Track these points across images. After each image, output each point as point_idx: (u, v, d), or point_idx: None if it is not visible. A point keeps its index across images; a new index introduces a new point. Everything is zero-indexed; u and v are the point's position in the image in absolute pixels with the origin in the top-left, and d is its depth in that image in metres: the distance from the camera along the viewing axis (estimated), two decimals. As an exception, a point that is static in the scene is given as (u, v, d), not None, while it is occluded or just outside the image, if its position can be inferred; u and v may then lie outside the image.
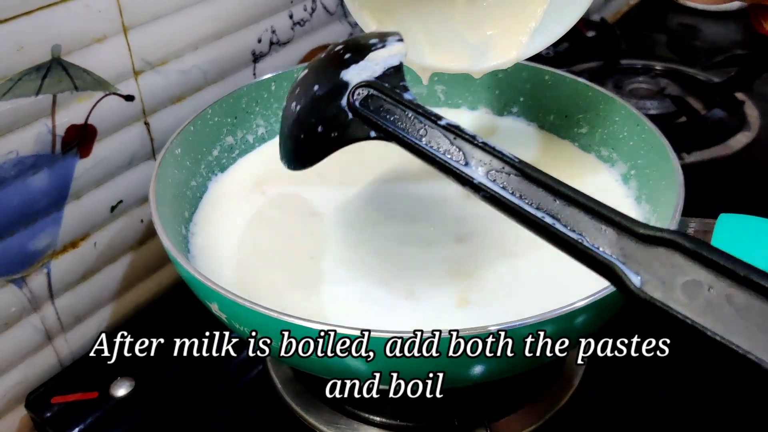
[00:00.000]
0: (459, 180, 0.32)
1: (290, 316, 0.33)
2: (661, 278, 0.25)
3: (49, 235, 0.47)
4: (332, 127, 0.35)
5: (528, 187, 0.30)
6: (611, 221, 0.27)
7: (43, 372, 0.50)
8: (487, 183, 0.31)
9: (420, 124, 0.33)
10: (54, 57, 0.43)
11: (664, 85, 0.77)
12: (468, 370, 0.36)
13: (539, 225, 0.29)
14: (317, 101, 0.35)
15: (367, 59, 0.35)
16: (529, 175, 0.30)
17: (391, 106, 0.34)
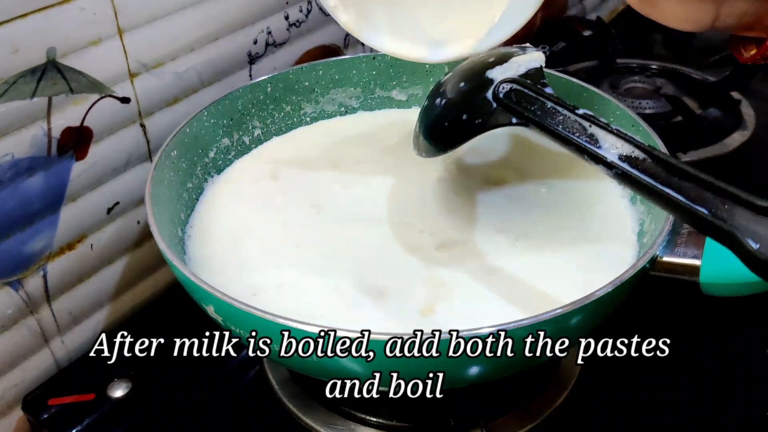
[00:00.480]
0: (594, 159, 0.35)
1: (285, 318, 0.33)
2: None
3: (45, 237, 0.47)
4: (476, 115, 0.39)
5: (655, 167, 0.33)
6: (731, 195, 0.30)
7: (39, 374, 0.50)
8: (618, 162, 0.34)
9: (558, 114, 0.37)
10: (49, 59, 0.43)
11: (660, 85, 0.77)
12: (467, 370, 0.36)
13: (667, 199, 0.32)
14: (463, 94, 0.40)
15: (511, 62, 0.40)
16: (656, 157, 0.33)
17: (533, 98, 0.38)
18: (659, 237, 0.38)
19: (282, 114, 0.57)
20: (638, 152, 0.34)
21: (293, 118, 0.58)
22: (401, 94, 0.60)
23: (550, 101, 0.38)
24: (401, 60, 0.58)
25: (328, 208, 0.49)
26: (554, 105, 0.37)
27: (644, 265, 0.37)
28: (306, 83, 0.57)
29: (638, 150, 0.34)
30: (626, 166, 0.34)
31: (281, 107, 0.57)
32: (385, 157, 0.54)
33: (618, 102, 0.50)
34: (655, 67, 0.82)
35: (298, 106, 0.58)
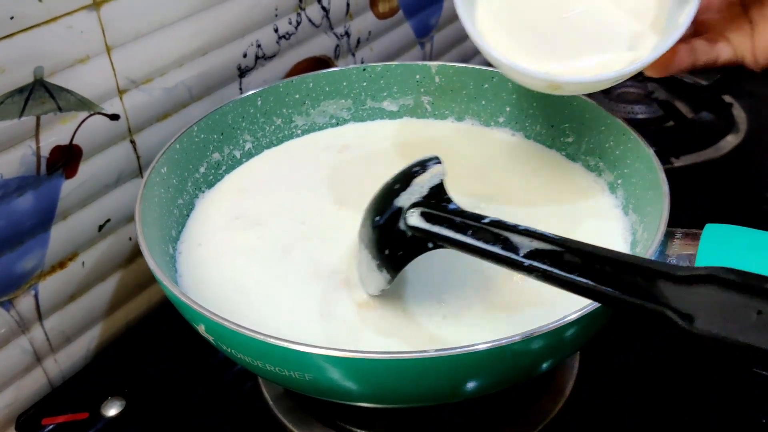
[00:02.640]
0: (512, 266, 0.35)
1: (275, 338, 0.33)
2: (709, 312, 0.28)
3: (36, 256, 0.47)
4: (397, 247, 0.40)
5: (573, 259, 0.33)
6: (653, 272, 0.30)
7: (33, 393, 0.50)
8: (535, 263, 0.34)
9: (468, 228, 0.38)
10: (37, 79, 0.43)
11: (652, 89, 0.77)
12: (460, 387, 0.36)
13: (590, 292, 0.32)
14: (380, 229, 0.41)
15: (413, 184, 0.40)
16: (571, 248, 0.34)
17: (441, 217, 0.39)
18: (651, 247, 0.38)
19: (273, 127, 0.57)
20: (550, 246, 0.34)
21: (284, 131, 0.58)
22: (392, 105, 0.60)
23: (457, 216, 0.38)
24: (391, 71, 0.58)
25: (317, 223, 0.49)
26: (462, 219, 0.38)
27: (636, 276, 0.36)
28: (296, 96, 0.57)
29: (550, 244, 0.34)
30: (544, 265, 0.34)
31: (272, 120, 0.57)
32: (375, 168, 0.54)
33: (607, 111, 0.50)
34: (646, 71, 0.82)
35: (288, 119, 0.57)
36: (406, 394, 0.36)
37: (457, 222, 0.38)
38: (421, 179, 0.41)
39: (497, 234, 0.36)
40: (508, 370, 0.36)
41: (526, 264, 0.34)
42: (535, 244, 0.35)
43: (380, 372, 0.34)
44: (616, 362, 0.49)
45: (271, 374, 0.36)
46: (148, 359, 0.52)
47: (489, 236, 0.36)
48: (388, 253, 0.40)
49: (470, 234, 0.37)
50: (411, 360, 0.33)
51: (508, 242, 0.35)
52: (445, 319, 0.41)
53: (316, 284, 0.44)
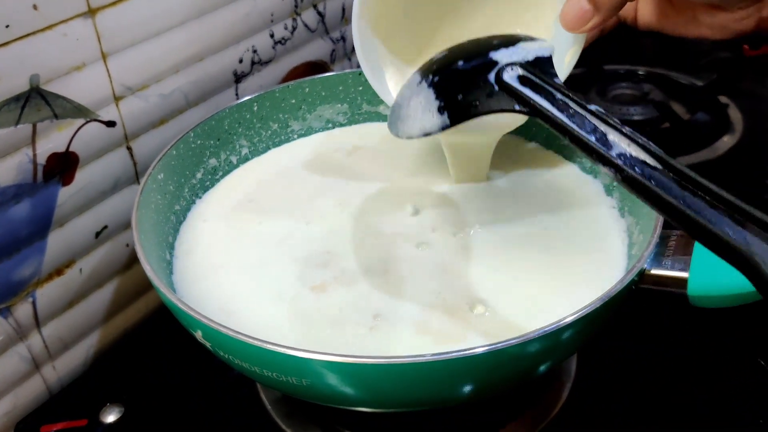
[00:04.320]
0: (602, 161, 0.32)
1: (272, 344, 0.33)
2: None
3: (33, 263, 0.47)
4: (474, 96, 0.36)
5: (668, 178, 0.30)
6: (748, 215, 0.28)
7: (31, 401, 0.50)
8: (627, 168, 0.31)
9: (568, 108, 0.34)
10: (32, 86, 0.43)
11: (648, 90, 0.77)
12: (458, 390, 0.36)
13: (681, 214, 0.30)
14: (460, 74, 0.36)
15: (518, 46, 0.36)
16: (670, 166, 0.31)
17: (540, 86, 0.35)
18: (646, 250, 0.38)
19: (269, 132, 0.57)
20: (651, 159, 0.31)
21: (280, 136, 0.58)
22: (388, 109, 0.59)
23: (560, 92, 0.35)
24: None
25: (319, 227, 0.49)
26: (563, 97, 0.34)
27: (632, 278, 0.37)
28: (293, 101, 0.57)
29: (651, 157, 0.31)
30: (636, 172, 0.31)
31: (268, 125, 0.57)
32: (374, 170, 0.55)
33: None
34: (642, 72, 0.82)
35: (285, 124, 0.58)
36: (404, 398, 0.36)
37: (557, 98, 0.34)
38: (528, 45, 0.37)
39: (596, 126, 0.33)
40: (505, 374, 0.36)
41: (619, 164, 0.32)
42: (632, 149, 0.32)
43: (377, 377, 0.34)
44: (614, 364, 0.49)
45: (269, 379, 0.36)
46: (146, 365, 0.52)
47: (586, 124, 0.33)
48: (461, 98, 0.36)
49: (567, 115, 0.34)
50: (408, 365, 0.33)
51: (605, 138, 0.32)
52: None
53: (316, 290, 0.44)
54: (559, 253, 0.45)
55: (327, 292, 0.44)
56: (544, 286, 0.43)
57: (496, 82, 0.36)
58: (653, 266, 0.38)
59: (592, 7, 0.41)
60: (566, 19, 0.42)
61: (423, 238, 0.47)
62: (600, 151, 0.32)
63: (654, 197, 0.31)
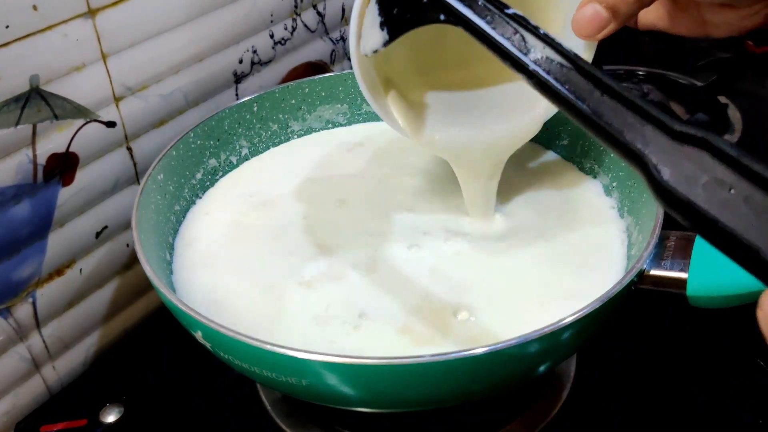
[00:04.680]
0: (515, 65, 0.33)
1: (272, 344, 0.33)
2: (686, 174, 0.26)
3: (33, 264, 0.47)
4: (407, 9, 0.37)
5: (578, 79, 0.31)
6: (650, 117, 0.28)
7: (31, 401, 0.50)
8: (540, 71, 0.32)
9: (487, 11, 0.34)
10: (32, 87, 0.43)
11: (647, 91, 0.77)
12: (458, 391, 0.36)
13: (583, 115, 0.30)
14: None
15: None
16: (581, 68, 0.31)
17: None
18: (645, 251, 0.38)
19: (269, 133, 0.57)
20: (563, 61, 0.31)
21: (280, 136, 0.58)
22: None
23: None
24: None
25: (310, 219, 0.50)
26: (484, 2, 0.35)
27: (631, 279, 0.37)
28: (292, 101, 0.57)
29: (564, 58, 0.31)
30: (546, 75, 0.31)
31: (268, 126, 0.57)
32: (374, 169, 0.55)
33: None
34: (641, 72, 0.82)
35: (285, 125, 0.58)
36: (403, 399, 0.36)
37: (479, 3, 0.35)
38: None
39: (515, 29, 0.33)
40: (505, 374, 0.36)
41: (531, 68, 0.32)
42: (547, 51, 0.32)
43: (377, 377, 0.34)
44: (614, 365, 0.49)
45: (268, 380, 0.36)
46: (146, 366, 0.52)
47: (506, 28, 0.33)
48: (396, 12, 0.38)
49: (487, 20, 0.34)
50: (407, 365, 0.33)
51: (523, 41, 0.33)
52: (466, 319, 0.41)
53: (304, 286, 0.44)
54: (556, 258, 0.45)
55: (315, 288, 0.44)
56: (535, 295, 0.43)
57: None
58: (652, 267, 0.38)
59: (610, 14, 0.40)
60: (580, 25, 0.40)
61: (416, 239, 0.47)
62: (514, 56, 0.33)
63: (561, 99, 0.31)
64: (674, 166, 0.27)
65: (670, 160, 0.27)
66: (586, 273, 0.44)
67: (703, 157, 0.26)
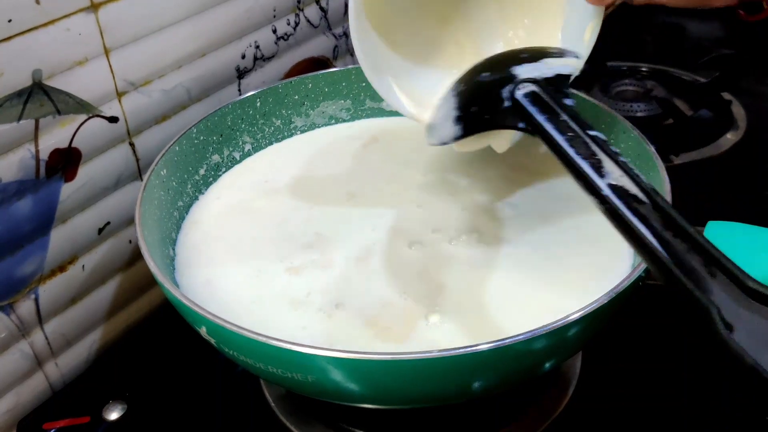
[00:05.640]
0: (588, 188, 0.32)
1: (278, 340, 0.33)
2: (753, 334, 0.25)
3: (35, 260, 0.47)
4: (486, 109, 0.37)
5: (651, 215, 0.30)
6: (723, 267, 0.27)
7: (34, 398, 0.49)
8: (613, 198, 0.31)
9: (567, 128, 0.34)
10: (35, 82, 0.43)
11: (651, 87, 0.77)
12: (464, 387, 0.36)
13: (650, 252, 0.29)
14: (480, 86, 0.38)
15: (542, 62, 0.37)
16: (656, 204, 0.30)
17: (548, 105, 0.35)
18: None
19: (272, 128, 0.57)
20: (640, 192, 0.30)
21: (283, 132, 0.57)
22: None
23: (565, 113, 0.35)
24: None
25: (316, 209, 0.50)
26: (568, 119, 0.34)
27: (640, 274, 0.36)
28: (296, 97, 0.57)
29: (641, 191, 0.31)
30: (620, 204, 0.31)
31: (271, 121, 0.56)
32: (385, 164, 0.55)
33: (609, 109, 0.50)
34: (645, 69, 0.82)
35: (288, 120, 0.57)
36: (409, 395, 0.36)
37: (561, 119, 0.34)
38: (552, 61, 0.37)
39: (593, 151, 0.32)
40: (511, 370, 0.36)
41: (604, 193, 0.31)
42: (624, 180, 0.31)
43: (383, 373, 0.34)
44: (619, 361, 0.48)
45: (274, 376, 0.36)
46: (149, 362, 0.52)
47: (583, 149, 0.33)
48: (474, 110, 0.38)
49: (566, 137, 0.34)
50: (413, 361, 0.33)
51: (599, 165, 0.32)
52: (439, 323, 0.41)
53: (301, 276, 0.44)
54: (565, 251, 0.45)
55: (300, 274, 0.44)
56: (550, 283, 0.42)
57: (509, 98, 0.36)
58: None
59: None
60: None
61: (420, 237, 0.47)
62: (587, 178, 0.32)
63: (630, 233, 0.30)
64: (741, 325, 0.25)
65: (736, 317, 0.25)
66: (593, 271, 0.43)
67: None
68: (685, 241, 0.28)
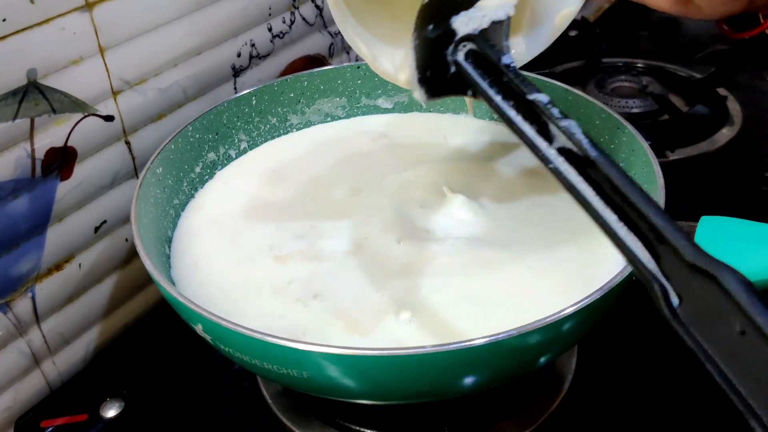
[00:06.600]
0: (537, 154, 0.32)
1: (273, 336, 0.33)
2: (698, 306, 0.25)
3: (32, 259, 0.47)
4: (438, 75, 0.37)
5: (595, 175, 0.29)
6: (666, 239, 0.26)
7: (31, 396, 0.50)
8: (560, 165, 0.31)
9: (512, 93, 0.33)
10: (30, 81, 0.43)
11: (646, 83, 0.77)
12: (458, 382, 0.36)
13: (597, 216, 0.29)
14: (427, 44, 0.37)
15: (476, 7, 0.36)
16: (597, 167, 0.29)
17: (489, 66, 0.35)
18: (647, 241, 0.38)
19: (268, 126, 0.57)
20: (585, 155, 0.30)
21: (279, 130, 0.58)
22: (387, 102, 0.60)
23: (507, 76, 0.34)
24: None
25: (318, 201, 0.50)
26: (510, 80, 0.33)
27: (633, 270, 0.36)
28: (291, 94, 0.57)
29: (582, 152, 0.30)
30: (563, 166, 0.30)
31: (267, 119, 0.57)
32: (392, 161, 0.55)
33: (603, 105, 0.50)
34: (640, 65, 0.82)
35: (284, 118, 0.57)
36: (404, 390, 0.36)
37: (504, 81, 0.34)
38: (486, 3, 0.36)
39: (538, 115, 0.32)
40: (506, 365, 0.36)
41: (551, 161, 0.31)
42: (570, 144, 0.30)
43: (378, 368, 0.34)
44: (615, 356, 0.49)
45: (269, 372, 0.36)
46: (146, 360, 0.52)
47: (530, 113, 0.32)
48: (429, 74, 0.37)
49: (512, 103, 0.33)
50: (408, 356, 0.33)
51: (546, 128, 0.31)
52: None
53: (279, 260, 0.45)
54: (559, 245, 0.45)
55: (286, 263, 0.45)
56: (545, 278, 0.43)
57: (453, 63, 0.36)
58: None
59: None
60: None
61: (410, 234, 0.47)
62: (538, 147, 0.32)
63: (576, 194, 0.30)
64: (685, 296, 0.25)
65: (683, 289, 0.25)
66: (586, 266, 0.43)
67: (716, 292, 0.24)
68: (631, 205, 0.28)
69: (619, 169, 0.29)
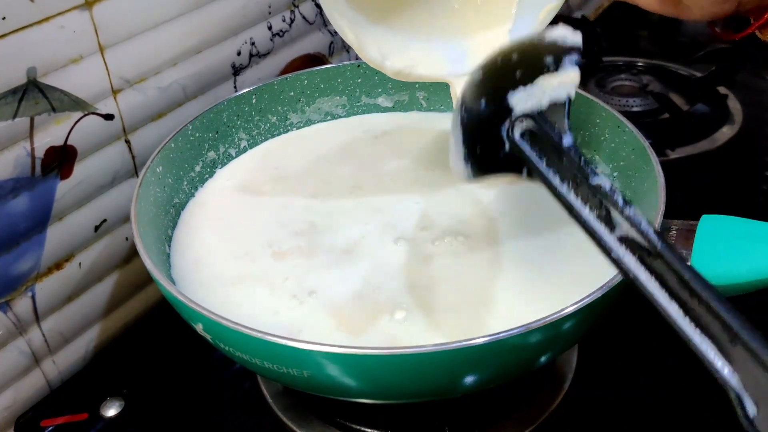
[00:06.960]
0: (598, 243, 0.31)
1: (273, 335, 0.33)
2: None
3: (32, 258, 0.47)
4: (489, 152, 0.35)
5: (662, 269, 0.28)
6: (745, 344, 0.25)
7: (31, 395, 0.50)
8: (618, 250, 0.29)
9: (572, 177, 0.32)
10: (30, 79, 0.43)
11: (647, 82, 0.77)
12: (459, 381, 0.36)
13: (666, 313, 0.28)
14: (481, 120, 0.35)
15: (536, 84, 0.35)
16: (663, 259, 0.28)
17: (547, 146, 0.33)
18: (648, 240, 0.38)
19: (268, 125, 0.57)
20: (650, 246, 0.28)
21: (279, 128, 0.58)
22: (387, 101, 0.60)
23: (567, 157, 0.32)
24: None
25: (318, 199, 0.50)
26: (570, 163, 0.32)
27: (633, 268, 0.36)
28: (291, 93, 0.57)
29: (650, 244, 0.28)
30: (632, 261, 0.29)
31: (267, 118, 0.57)
32: (392, 159, 0.55)
33: (603, 103, 0.50)
34: (641, 64, 0.82)
35: (284, 117, 0.57)
36: (405, 389, 0.36)
37: (564, 164, 0.32)
38: (547, 82, 0.35)
39: (600, 201, 0.30)
40: (506, 364, 0.36)
41: (614, 251, 0.29)
42: (633, 233, 0.29)
43: (378, 367, 0.34)
44: (615, 356, 0.49)
45: (269, 371, 0.36)
46: (146, 359, 0.52)
47: (591, 199, 0.31)
48: (479, 152, 0.35)
49: (572, 186, 0.32)
50: (409, 355, 0.33)
51: (608, 216, 0.30)
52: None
53: (277, 256, 0.45)
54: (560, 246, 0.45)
55: (284, 259, 0.45)
56: (545, 278, 0.42)
57: (508, 139, 0.35)
58: (654, 257, 0.38)
59: None
60: None
61: (407, 234, 0.47)
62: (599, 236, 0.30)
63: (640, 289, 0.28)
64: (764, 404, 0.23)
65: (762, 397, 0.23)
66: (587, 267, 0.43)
67: None
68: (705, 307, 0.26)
69: (686, 263, 0.27)
